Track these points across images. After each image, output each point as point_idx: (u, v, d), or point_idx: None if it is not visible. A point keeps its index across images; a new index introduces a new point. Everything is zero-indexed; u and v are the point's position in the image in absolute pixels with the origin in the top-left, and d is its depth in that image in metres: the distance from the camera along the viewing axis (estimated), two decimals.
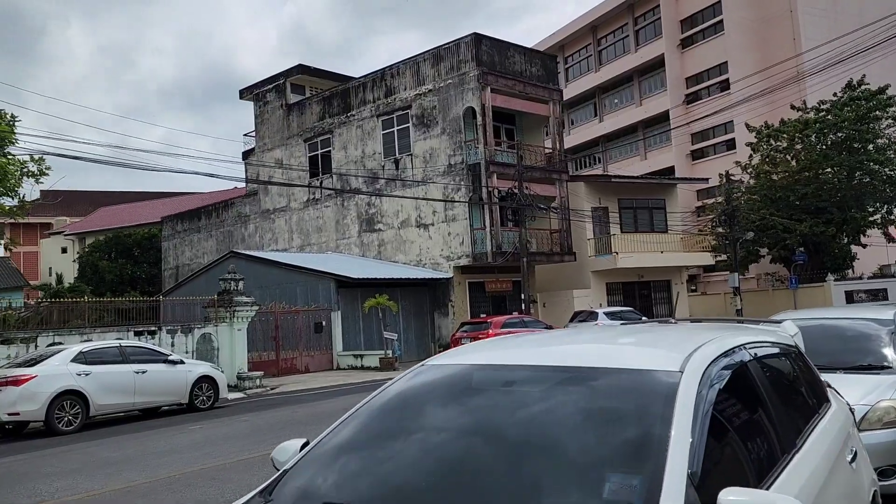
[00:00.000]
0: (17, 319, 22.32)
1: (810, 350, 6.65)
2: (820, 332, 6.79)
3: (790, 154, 35.39)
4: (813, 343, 6.90)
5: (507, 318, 21.85)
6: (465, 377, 2.83)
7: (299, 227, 34.18)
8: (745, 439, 2.52)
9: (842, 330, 6.69)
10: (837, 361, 6.30)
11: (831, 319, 6.91)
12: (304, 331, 24.33)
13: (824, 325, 6.83)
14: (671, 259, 30.99)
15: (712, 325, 4.07)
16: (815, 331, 6.88)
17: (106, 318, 24.63)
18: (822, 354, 6.60)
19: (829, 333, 6.72)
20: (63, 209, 69.37)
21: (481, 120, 27.52)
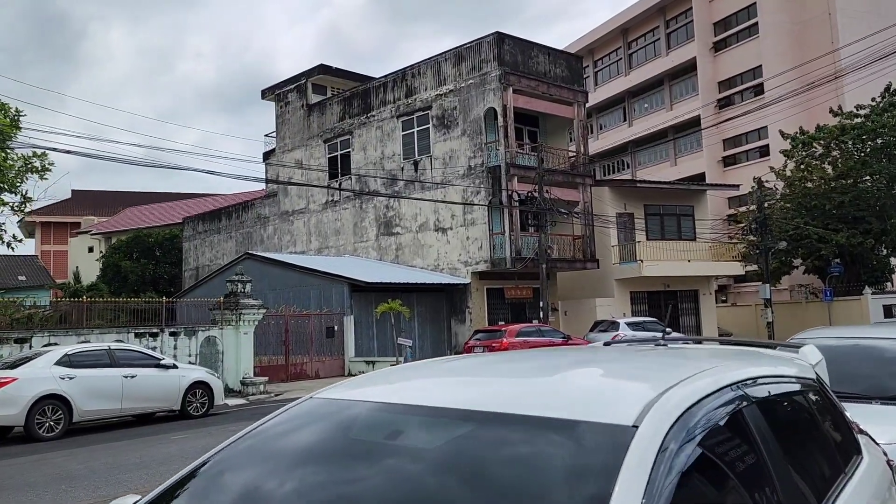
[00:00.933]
0: (40, 318, 22.11)
1: (842, 375, 5.72)
2: (854, 354, 5.87)
3: (826, 161, 33.98)
4: (846, 367, 5.97)
5: (523, 326, 20.98)
6: (346, 423, 2.07)
7: (318, 230, 33.66)
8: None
9: (881, 351, 5.75)
10: (875, 389, 5.39)
11: (869, 339, 5.97)
12: (316, 335, 23.71)
13: (860, 345, 5.90)
14: (699, 268, 29.81)
15: (711, 350, 3.24)
16: (848, 352, 5.96)
17: (122, 318, 24.35)
18: (856, 380, 5.68)
19: (866, 355, 5.79)
20: (93, 209, 70.28)
21: (502, 121, 26.71)
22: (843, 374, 5.79)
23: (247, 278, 19.95)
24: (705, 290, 31.38)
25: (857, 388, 5.40)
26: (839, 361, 6.01)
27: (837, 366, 5.99)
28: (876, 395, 5.23)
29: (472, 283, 27.19)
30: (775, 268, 35.01)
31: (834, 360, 5.94)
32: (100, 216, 65.62)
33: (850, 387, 5.47)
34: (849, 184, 32.71)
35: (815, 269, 34.46)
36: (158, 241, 45.44)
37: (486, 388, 2.22)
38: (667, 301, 30.92)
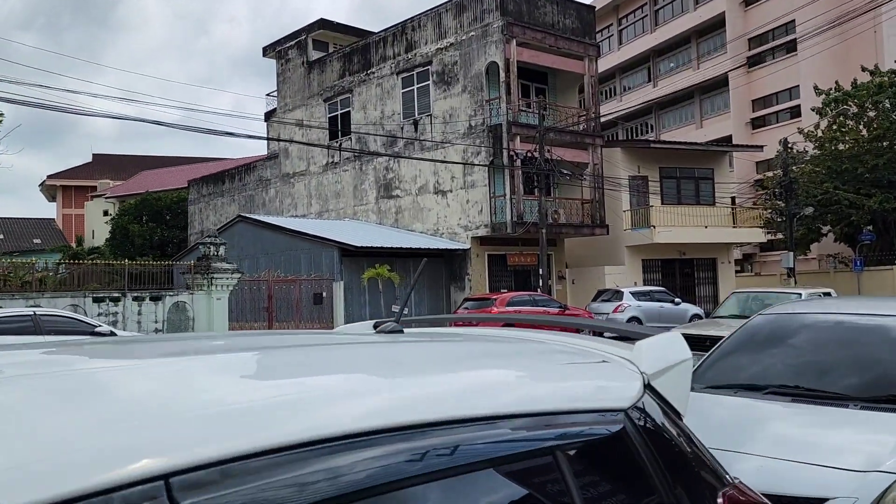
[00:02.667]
0: (52, 280, 21.49)
1: (814, 365, 4.24)
2: (835, 337, 4.36)
3: (861, 121, 31.60)
4: (821, 354, 4.48)
5: (515, 295, 19.55)
6: None
7: (318, 193, 32.40)
8: None
9: (872, 335, 4.23)
10: (857, 385, 3.90)
11: (858, 316, 4.43)
12: (302, 302, 22.57)
13: (844, 324, 4.38)
14: (717, 235, 27.93)
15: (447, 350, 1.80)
16: (827, 334, 4.46)
17: (118, 281, 23.55)
18: (833, 373, 4.20)
19: (850, 339, 4.27)
20: (115, 173, 70.04)
21: (505, 76, 24.97)
22: (815, 364, 4.30)
23: (220, 241, 18.78)
24: (724, 258, 29.52)
25: (833, 385, 3.92)
26: (813, 346, 4.51)
27: (809, 352, 4.49)
28: (856, 395, 3.75)
29: (473, 248, 25.76)
30: (802, 235, 32.96)
31: (806, 344, 4.44)
32: (120, 180, 65.33)
33: (823, 382, 3.99)
34: (885, 146, 30.39)
35: (845, 237, 32.33)
36: (167, 204, 44.74)
37: None
38: (682, 270, 29.17)
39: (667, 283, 28.40)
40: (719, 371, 4.42)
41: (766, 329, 4.67)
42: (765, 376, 4.20)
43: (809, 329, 4.45)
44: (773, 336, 4.59)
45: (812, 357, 4.23)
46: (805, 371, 4.14)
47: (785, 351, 4.41)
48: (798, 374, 4.12)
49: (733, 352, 4.56)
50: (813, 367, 4.15)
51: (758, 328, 4.70)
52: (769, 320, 4.73)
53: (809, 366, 4.17)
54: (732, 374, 4.36)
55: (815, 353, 4.26)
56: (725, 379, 4.30)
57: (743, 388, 4.08)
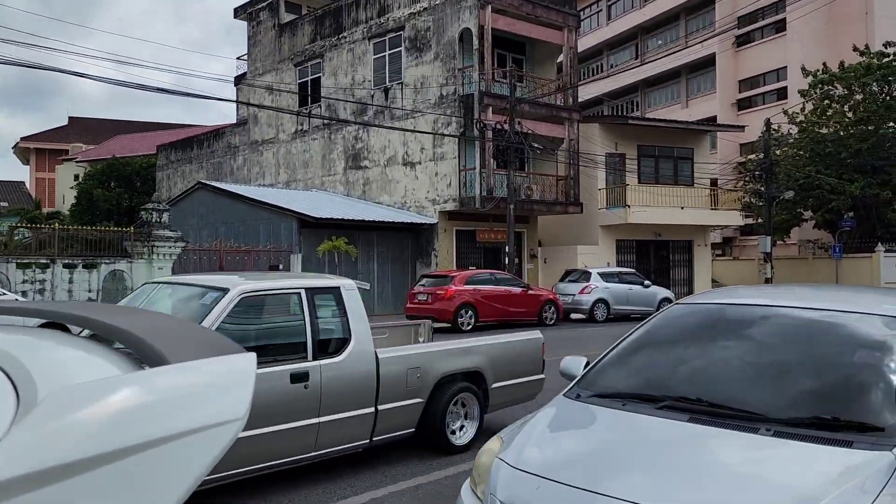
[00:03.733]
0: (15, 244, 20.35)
1: (724, 372, 3.35)
2: (759, 337, 3.43)
3: (847, 104, 30.75)
4: (737, 357, 3.54)
5: (474, 272, 18.62)
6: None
7: (286, 161, 31.25)
8: None
9: (804, 335, 3.32)
10: (772, 404, 3.00)
11: (790, 310, 3.52)
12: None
13: (772, 320, 3.47)
14: (693, 216, 27.09)
15: None
16: (750, 332, 3.54)
17: (75, 247, 22.47)
18: (745, 384, 3.29)
19: (777, 340, 3.35)
20: (91, 137, 68.34)
21: (478, 44, 23.85)
22: (728, 370, 3.40)
23: (164, 206, 17.72)
24: (700, 240, 28.73)
25: (746, 399, 3.02)
26: (730, 347, 3.59)
27: (724, 354, 3.58)
28: (772, 415, 2.86)
29: (440, 223, 24.78)
30: (783, 220, 32.26)
31: (722, 344, 3.54)
32: (95, 144, 63.68)
33: (733, 394, 3.09)
34: (869, 130, 29.59)
35: (826, 223, 31.64)
36: (136, 170, 43.38)
37: None
38: (658, 252, 28.38)
39: (641, 265, 27.62)
40: (616, 373, 3.53)
41: (680, 322, 3.79)
42: (667, 383, 3.31)
43: (730, 324, 3.56)
44: (688, 331, 3.70)
45: (726, 361, 3.34)
46: (715, 379, 3.25)
47: (696, 351, 3.52)
48: (706, 383, 3.23)
49: (639, 348, 3.67)
50: (725, 373, 3.26)
51: (671, 320, 3.81)
52: (687, 311, 3.84)
53: (721, 372, 3.27)
54: (630, 378, 3.47)
55: (730, 355, 3.36)
56: (620, 384, 3.41)
57: (637, 398, 3.18)
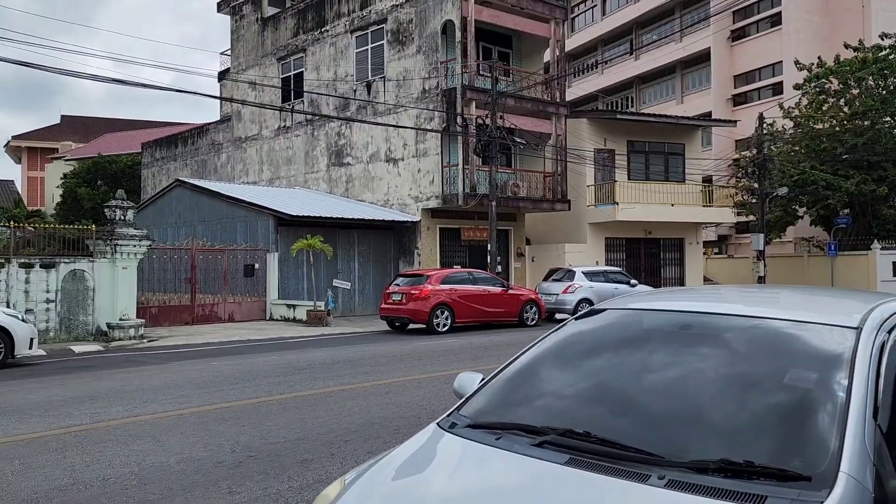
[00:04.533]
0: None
1: (622, 397, 2.70)
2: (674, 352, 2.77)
3: (843, 99, 30.05)
4: (644, 379, 2.84)
5: (451, 271, 17.94)
6: None
7: (269, 158, 30.59)
8: None
9: (728, 348, 2.64)
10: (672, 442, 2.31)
11: (717, 318, 2.84)
12: (231, 273, 20.91)
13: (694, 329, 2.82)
14: (684, 213, 26.40)
15: None
16: (664, 345, 2.88)
17: (53, 246, 21.83)
18: (646, 415, 2.59)
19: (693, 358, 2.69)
20: (83, 135, 67.74)
21: (461, 36, 23.18)
22: (629, 395, 2.74)
23: (128, 204, 17.05)
24: (692, 238, 28.05)
25: (643, 434, 2.37)
26: (637, 365, 2.92)
27: (629, 374, 2.90)
28: (670, 456, 2.19)
29: (423, 221, 24.12)
30: (778, 217, 31.58)
31: (628, 362, 2.87)
32: (85, 143, 63.06)
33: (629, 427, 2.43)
34: (866, 125, 28.89)
35: (821, 220, 30.96)
36: (122, 168, 42.79)
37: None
38: (648, 250, 27.71)
39: (631, 264, 27.00)
40: (502, 396, 2.87)
41: (590, 332, 3.13)
42: (556, 410, 2.66)
43: (644, 336, 2.90)
44: (596, 343, 3.05)
45: (631, 382, 2.68)
46: (613, 406, 2.58)
47: (599, 368, 2.86)
48: (601, 412, 2.57)
49: (537, 364, 3.01)
50: (625, 399, 2.59)
51: (580, 329, 3.15)
52: (602, 318, 3.18)
53: (621, 398, 2.61)
54: (515, 404, 2.81)
55: (637, 375, 2.70)
56: (503, 411, 2.76)
57: (517, 429, 2.52)
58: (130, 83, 18.64)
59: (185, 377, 9.84)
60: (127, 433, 6.43)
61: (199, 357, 12.37)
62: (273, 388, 8.75)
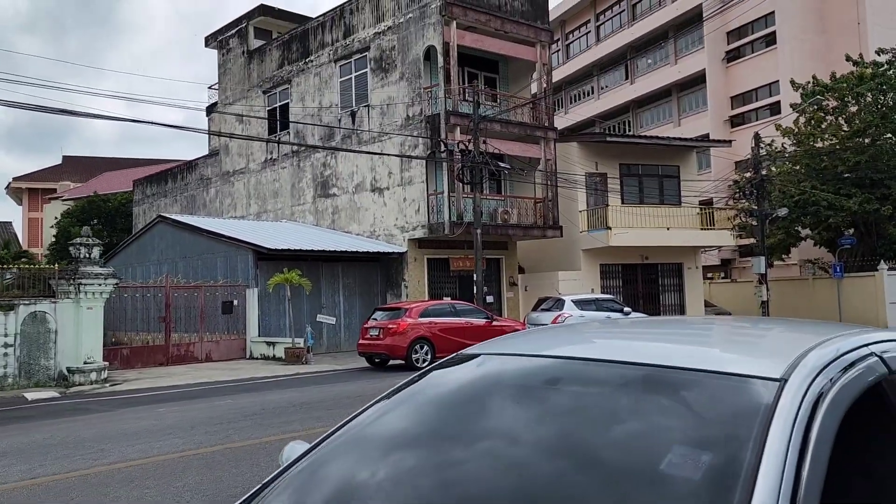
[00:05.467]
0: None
1: (431, 491, 1.85)
2: (525, 416, 2.00)
3: (842, 116, 29.31)
4: (464, 464, 2.00)
5: (430, 304, 17.13)
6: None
7: (257, 192, 30.04)
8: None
9: (592, 412, 1.86)
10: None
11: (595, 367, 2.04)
12: (208, 311, 20.16)
13: (562, 383, 2.03)
14: (680, 237, 25.54)
15: None
16: (512, 406, 2.10)
17: (38, 286, 21.24)
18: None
19: (549, 426, 1.91)
20: (84, 175, 67.79)
21: (444, 62, 22.65)
22: (438, 487, 1.94)
23: (93, 241, 16.39)
24: (691, 263, 27.16)
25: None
26: (460, 442, 2.13)
27: (440, 457, 2.08)
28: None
29: (410, 251, 23.38)
30: (780, 239, 30.65)
31: (452, 437, 2.06)
32: (77, 182, 62.98)
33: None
34: (866, 142, 28.10)
35: (825, 241, 30.00)
36: (116, 206, 42.40)
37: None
38: (646, 276, 26.82)
39: (628, 291, 26.12)
40: (310, 485, 2.08)
41: (436, 388, 2.35)
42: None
43: (495, 397, 2.12)
44: (439, 403, 2.26)
45: (453, 468, 1.88)
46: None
47: (427, 446, 2.07)
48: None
49: (357, 437, 2.22)
50: (433, 494, 1.80)
51: (419, 389, 2.36)
52: (455, 371, 2.40)
53: (432, 495, 1.81)
54: (306, 498, 2.02)
55: (466, 456, 1.91)
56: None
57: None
58: (118, 118, 18.19)
59: (120, 428, 9.02)
60: (6, 501, 5.62)
61: (153, 403, 11.55)
62: (205, 439, 7.92)
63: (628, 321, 3.16)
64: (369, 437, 2.18)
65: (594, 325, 2.95)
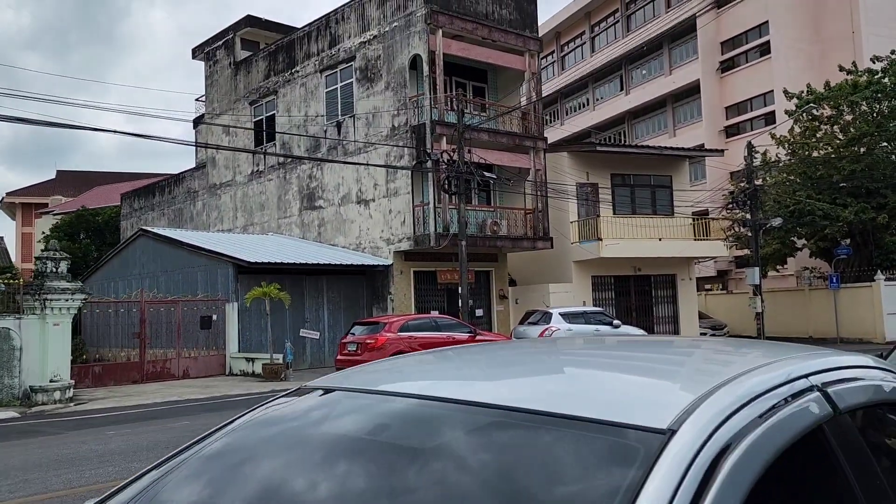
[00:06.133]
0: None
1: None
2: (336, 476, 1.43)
3: (837, 124, 28.87)
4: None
5: (410, 318, 16.57)
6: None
7: (243, 205, 29.54)
8: None
9: (416, 474, 1.33)
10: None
11: (430, 406, 1.51)
12: (186, 326, 19.58)
13: (381, 425, 1.51)
14: (672, 248, 24.98)
15: None
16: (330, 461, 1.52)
17: (6, 302, 20.71)
18: None
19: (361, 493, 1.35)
20: (77, 190, 67.36)
21: (429, 70, 22.21)
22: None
23: (61, 255, 15.83)
24: (684, 274, 26.59)
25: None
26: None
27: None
28: None
29: (396, 264, 22.83)
30: (775, 249, 30.12)
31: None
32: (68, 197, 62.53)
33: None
34: (862, 152, 27.62)
35: (821, 252, 29.47)
36: (106, 220, 41.90)
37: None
38: (639, 288, 26.25)
39: (621, 303, 25.56)
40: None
41: (251, 433, 1.82)
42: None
43: (311, 447, 1.60)
44: (238, 463, 1.71)
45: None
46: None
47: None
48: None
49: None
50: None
51: (237, 434, 1.83)
52: (285, 408, 1.88)
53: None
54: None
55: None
56: None
57: None
58: (105, 130, 17.71)
59: (58, 453, 8.44)
60: None
61: (106, 425, 10.97)
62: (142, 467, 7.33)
63: (526, 343, 2.61)
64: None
65: (473, 350, 2.40)
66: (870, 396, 1.57)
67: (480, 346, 2.42)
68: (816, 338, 28.54)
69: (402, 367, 2.02)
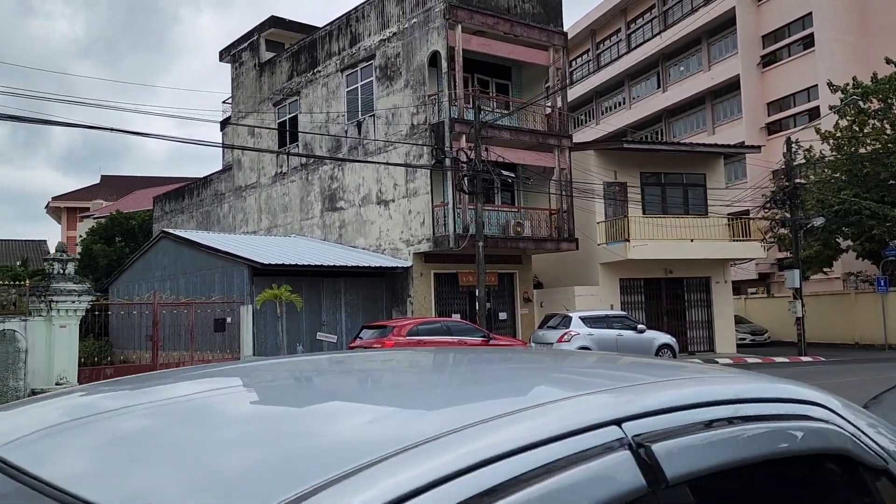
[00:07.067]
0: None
1: None
2: None
3: (886, 119, 27.35)
4: None
5: (422, 321, 15.94)
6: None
7: (267, 206, 29.36)
8: None
9: None
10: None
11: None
12: (199, 329, 19.32)
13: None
14: (705, 249, 23.84)
15: None
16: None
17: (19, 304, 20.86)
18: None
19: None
20: (118, 194, 68.68)
21: (448, 67, 21.59)
22: None
23: (68, 257, 15.67)
24: (719, 277, 25.39)
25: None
26: None
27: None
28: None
29: (415, 266, 22.26)
30: (817, 251, 28.66)
31: None
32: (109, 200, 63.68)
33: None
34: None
35: (868, 254, 27.92)
36: (140, 223, 42.36)
37: None
38: (671, 291, 25.18)
39: (652, 307, 24.55)
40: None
41: None
42: None
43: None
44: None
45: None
46: None
47: None
48: None
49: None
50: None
51: None
52: None
53: None
54: None
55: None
56: None
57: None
58: (127, 132, 17.59)
59: None
60: None
61: None
62: None
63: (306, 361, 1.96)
64: None
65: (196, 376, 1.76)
66: (753, 451, 0.91)
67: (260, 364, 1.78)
68: (863, 344, 27.04)
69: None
